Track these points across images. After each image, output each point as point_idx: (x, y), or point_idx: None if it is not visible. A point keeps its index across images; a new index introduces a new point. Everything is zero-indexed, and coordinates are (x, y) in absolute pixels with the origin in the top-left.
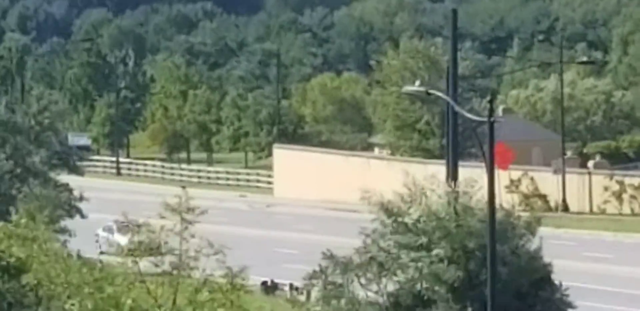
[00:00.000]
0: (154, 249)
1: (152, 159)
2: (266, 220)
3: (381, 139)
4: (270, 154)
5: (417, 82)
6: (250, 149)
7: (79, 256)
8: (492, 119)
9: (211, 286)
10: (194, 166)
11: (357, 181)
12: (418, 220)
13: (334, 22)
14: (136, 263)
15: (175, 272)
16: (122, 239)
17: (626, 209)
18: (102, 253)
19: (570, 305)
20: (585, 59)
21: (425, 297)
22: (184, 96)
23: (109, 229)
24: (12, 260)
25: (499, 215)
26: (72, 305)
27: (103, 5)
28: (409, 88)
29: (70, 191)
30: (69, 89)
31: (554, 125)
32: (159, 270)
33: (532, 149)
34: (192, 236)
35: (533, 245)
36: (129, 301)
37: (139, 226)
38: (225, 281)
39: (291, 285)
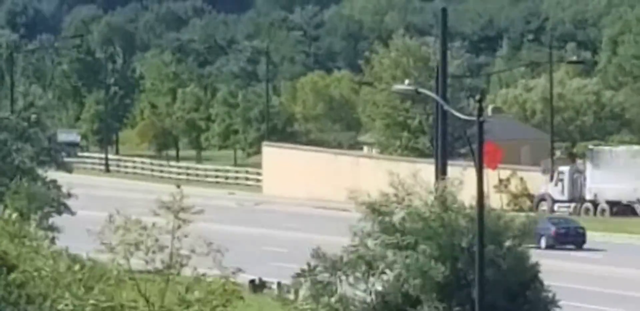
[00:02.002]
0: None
1: (141, 156)
2: (255, 218)
3: (370, 138)
4: (259, 152)
5: (407, 81)
6: (240, 147)
7: (68, 254)
8: (481, 118)
9: (203, 286)
10: (182, 164)
11: (345, 180)
12: (404, 219)
13: (324, 21)
14: (127, 260)
15: (166, 270)
16: None
17: None
18: None
19: (556, 305)
20: (574, 59)
21: (414, 296)
22: (173, 93)
23: None
24: (1, 256)
25: (490, 215)
26: (66, 305)
27: (93, 2)
28: (398, 87)
29: (59, 188)
30: (58, 85)
31: (543, 125)
32: (150, 268)
33: (521, 148)
34: (185, 235)
35: (522, 246)
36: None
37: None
38: (220, 282)
39: (279, 283)
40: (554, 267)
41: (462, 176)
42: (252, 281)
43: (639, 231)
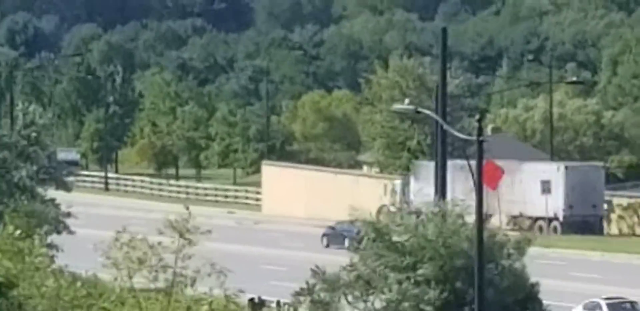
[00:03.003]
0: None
1: (141, 174)
2: (254, 237)
3: (370, 157)
4: (258, 171)
5: (407, 101)
6: (239, 166)
7: (68, 272)
8: (480, 138)
9: (205, 307)
10: (182, 182)
11: (345, 199)
12: (406, 240)
13: (324, 40)
14: (130, 278)
15: (168, 289)
16: None
17: (614, 230)
18: None
19: None
20: (574, 79)
21: None
22: (173, 112)
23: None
24: (2, 273)
25: (485, 235)
26: None
27: (92, 21)
28: (398, 106)
29: (57, 206)
30: (58, 104)
31: (543, 144)
32: (152, 286)
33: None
34: (189, 257)
35: (519, 264)
36: None
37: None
38: (221, 303)
39: (278, 302)
40: None
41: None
42: (251, 300)
43: None
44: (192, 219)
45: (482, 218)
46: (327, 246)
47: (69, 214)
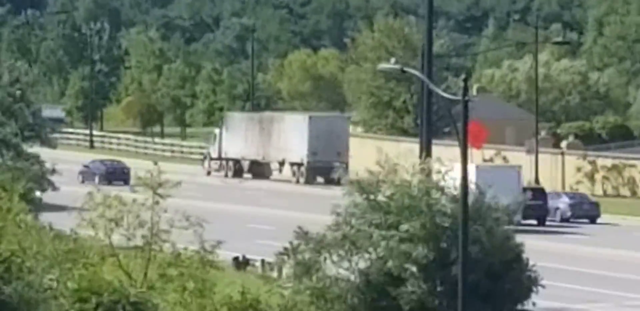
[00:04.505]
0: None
1: (126, 132)
2: (239, 195)
3: (356, 117)
4: None
5: (392, 60)
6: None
7: (51, 228)
8: (466, 98)
9: (181, 261)
10: (167, 140)
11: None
12: (390, 198)
13: None
14: (108, 236)
15: (146, 246)
16: None
17: (598, 190)
18: None
19: (539, 284)
20: (560, 39)
21: (396, 274)
22: (159, 70)
23: None
24: None
25: (474, 195)
26: (51, 280)
27: None
28: (384, 66)
29: (42, 163)
30: (44, 61)
31: (528, 105)
32: (130, 244)
33: (506, 128)
34: (165, 210)
35: (506, 226)
36: (106, 277)
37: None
38: (196, 257)
39: (263, 261)
40: None
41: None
42: (235, 259)
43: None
44: (162, 174)
45: (466, 176)
46: (83, 182)
47: (53, 171)
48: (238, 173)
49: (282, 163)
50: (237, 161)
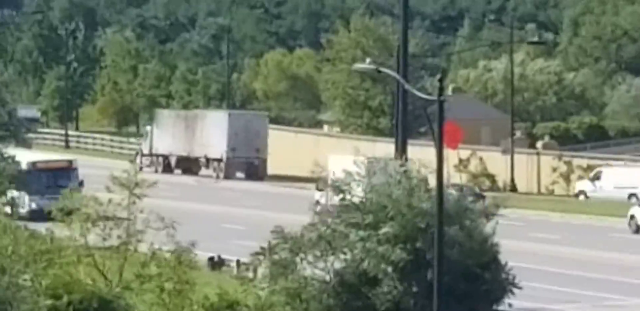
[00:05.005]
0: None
1: (102, 132)
2: (215, 195)
3: (331, 117)
4: None
5: (368, 60)
6: None
7: (26, 228)
8: (441, 98)
9: (159, 260)
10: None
11: (306, 158)
12: (365, 199)
13: None
14: (84, 236)
15: (122, 246)
16: None
17: (574, 191)
18: None
19: (515, 285)
20: (535, 39)
21: (371, 275)
22: (134, 70)
23: None
24: None
25: (453, 197)
26: (25, 280)
27: None
28: (359, 66)
29: (18, 163)
30: (19, 61)
31: (504, 105)
32: (107, 244)
33: (482, 128)
34: (141, 211)
35: (486, 227)
36: (81, 277)
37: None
38: (173, 256)
39: (238, 261)
40: None
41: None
42: (211, 259)
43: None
44: (138, 173)
45: (442, 176)
46: None
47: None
48: (167, 168)
49: (208, 159)
50: (166, 157)
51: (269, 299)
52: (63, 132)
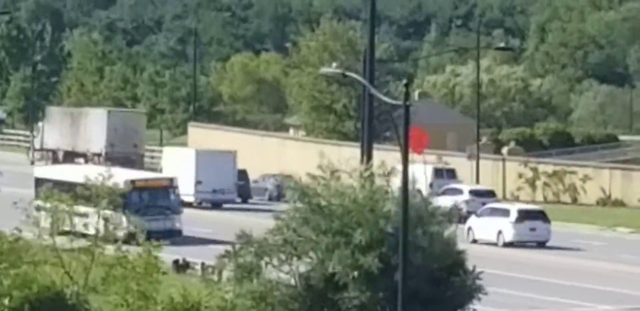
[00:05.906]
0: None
1: None
2: None
3: (297, 120)
4: (185, 132)
5: (334, 65)
6: (166, 127)
7: None
8: (407, 103)
9: (126, 263)
10: None
11: (271, 162)
12: (331, 203)
13: (253, 2)
14: (52, 237)
15: (92, 247)
16: None
17: (539, 197)
18: None
19: (482, 291)
20: (502, 45)
21: (337, 279)
22: (101, 71)
23: None
24: None
25: (416, 201)
26: None
27: None
28: (326, 70)
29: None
30: None
31: (470, 110)
32: (75, 246)
33: (447, 133)
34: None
35: (448, 232)
36: (41, 278)
37: None
38: (140, 259)
39: (203, 264)
40: None
41: (391, 160)
42: (175, 262)
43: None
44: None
45: (407, 181)
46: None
47: None
48: (55, 162)
49: (89, 154)
50: (54, 151)
51: (234, 302)
52: (28, 133)
